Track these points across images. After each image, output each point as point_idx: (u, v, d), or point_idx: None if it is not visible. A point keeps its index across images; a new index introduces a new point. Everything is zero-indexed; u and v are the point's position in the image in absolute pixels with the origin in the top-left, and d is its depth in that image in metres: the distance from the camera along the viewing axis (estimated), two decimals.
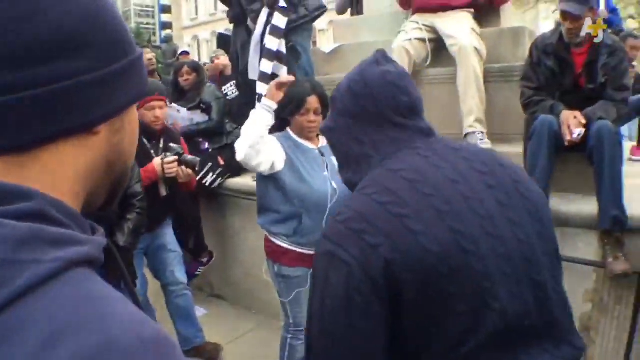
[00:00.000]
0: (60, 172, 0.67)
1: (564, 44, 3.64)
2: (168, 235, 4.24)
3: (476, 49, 4.38)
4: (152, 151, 3.99)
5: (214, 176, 4.98)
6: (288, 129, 3.41)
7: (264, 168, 3.18)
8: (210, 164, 4.99)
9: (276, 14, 4.94)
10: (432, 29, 4.77)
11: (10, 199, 0.59)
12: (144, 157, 3.86)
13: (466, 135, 4.29)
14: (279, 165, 3.23)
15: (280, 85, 3.23)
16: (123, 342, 0.53)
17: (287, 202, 3.29)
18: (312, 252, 3.16)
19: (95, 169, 0.72)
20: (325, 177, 3.28)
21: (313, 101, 3.31)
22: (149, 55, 7.31)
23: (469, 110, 4.32)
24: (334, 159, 3.18)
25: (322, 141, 3.43)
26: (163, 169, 3.80)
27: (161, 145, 4.04)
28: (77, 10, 0.66)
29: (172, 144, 3.93)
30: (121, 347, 0.53)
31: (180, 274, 4.25)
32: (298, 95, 3.33)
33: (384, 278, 1.29)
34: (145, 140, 3.97)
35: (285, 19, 4.95)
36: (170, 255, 4.19)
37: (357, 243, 1.32)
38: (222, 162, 5.02)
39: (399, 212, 1.34)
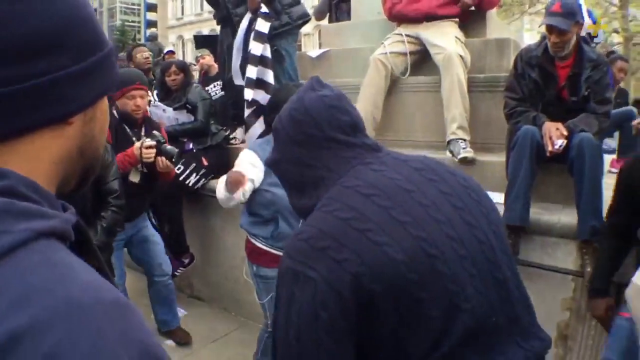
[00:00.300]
0: (37, 158, 0.73)
1: (549, 56, 3.68)
2: (149, 227, 4.37)
3: (461, 56, 4.44)
4: (134, 138, 4.05)
5: (197, 177, 4.98)
6: (271, 135, 3.43)
7: (243, 200, 3.31)
8: (193, 165, 4.99)
9: (259, 20, 4.96)
10: (417, 40, 4.83)
11: None
12: (126, 143, 3.94)
13: (449, 142, 4.34)
14: (257, 182, 3.30)
15: (235, 184, 3.21)
16: (83, 302, 0.59)
17: (265, 207, 3.35)
18: None
19: (68, 155, 0.78)
20: None
21: None
22: (145, 53, 7.24)
23: (452, 117, 4.36)
24: None
25: None
26: (141, 153, 3.85)
27: (142, 133, 4.10)
28: (53, 14, 0.71)
29: (154, 132, 4.00)
30: (81, 306, 0.59)
31: (166, 266, 4.46)
32: (282, 100, 3.35)
33: (351, 292, 1.31)
34: (127, 128, 4.04)
35: (268, 24, 4.97)
36: (156, 247, 4.36)
37: (322, 260, 1.34)
38: (205, 163, 5.02)
39: (362, 227, 1.37)
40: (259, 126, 4.73)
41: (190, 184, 4.97)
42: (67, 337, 0.57)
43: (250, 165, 3.31)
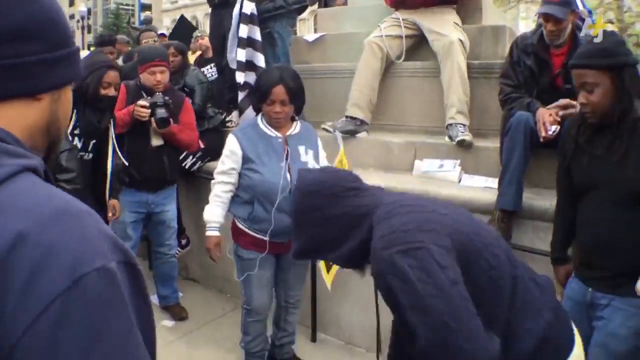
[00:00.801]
0: (12, 122, 0.93)
1: (544, 44, 3.71)
2: (171, 212, 4.66)
3: (461, 41, 4.47)
4: None
5: (194, 159, 5.00)
6: (259, 116, 3.50)
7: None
8: None
9: (244, 1, 4.96)
10: (414, 25, 4.85)
11: None
12: None
13: (448, 126, 4.38)
14: (238, 167, 3.46)
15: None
16: (68, 210, 0.84)
17: (244, 189, 3.48)
18: (264, 239, 3.44)
19: (37, 127, 0.98)
20: (280, 168, 3.39)
21: (279, 92, 3.36)
22: (150, 40, 7.08)
23: (451, 103, 4.41)
24: (300, 148, 3.40)
25: (294, 128, 3.54)
26: (134, 110, 4.14)
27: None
28: (30, 12, 0.94)
29: (157, 93, 4.21)
30: (68, 213, 0.84)
31: (174, 245, 4.86)
32: (264, 85, 3.41)
33: (452, 247, 1.84)
34: (144, 96, 4.32)
35: (252, 4, 4.95)
36: (170, 230, 4.71)
37: (424, 235, 1.82)
38: (202, 146, 5.04)
39: (444, 212, 1.98)
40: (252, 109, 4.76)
41: (187, 167, 5.00)
42: (61, 233, 0.80)
43: (229, 153, 3.48)
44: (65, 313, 0.77)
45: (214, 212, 3.53)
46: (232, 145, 3.47)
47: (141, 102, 4.13)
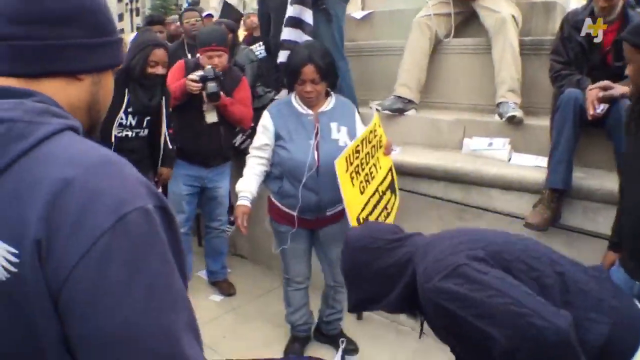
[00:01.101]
0: (55, 93, 1.03)
1: (595, 20, 3.65)
2: (223, 189, 4.73)
3: (514, 17, 4.41)
4: None
5: (243, 137, 5.04)
6: (293, 94, 3.54)
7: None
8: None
9: None
10: (463, 2, 4.79)
11: (25, 94, 0.98)
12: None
13: (498, 104, 4.34)
14: (271, 143, 3.51)
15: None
16: (110, 159, 0.95)
17: (275, 165, 3.54)
18: (293, 214, 3.51)
19: (78, 105, 1.09)
20: (308, 145, 3.40)
21: (309, 71, 3.35)
22: (192, 19, 6.96)
23: (502, 80, 4.36)
24: (332, 125, 3.48)
25: (327, 104, 3.54)
26: (186, 84, 4.17)
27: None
28: (81, 1, 1.05)
29: (208, 67, 4.20)
30: (110, 162, 0.94)
31: (224, 222, 4.94)
32: (294, 65, 3.41)
33: (495, 265, 1.97)
34: None
35: None
36: (221, 206, 4.83)
37: (460, 256, 1.96)
38: (252, 125, 5.07)
39: (474, 236, 2.15)
40: None
41: (236, 144, 5.04)
42: (104, 178, 0.91)
43: (263, 129, 3.54)
44: (111, 247, 0.87)
45: (246, 183, 3.58)
46: (265, 121, 3.53)
47: (192, 75, 4.16)
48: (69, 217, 0.86)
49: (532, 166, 3.88)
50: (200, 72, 4.18)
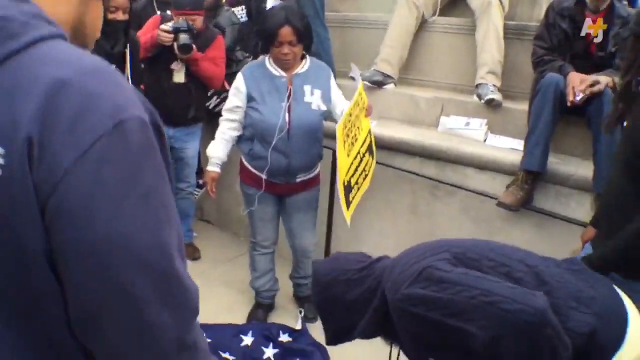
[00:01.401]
0: (44, 6, 0.96)
1: (581, 8, 3.66)
2: (191, 149, 4.64)
3: (500, 1, 4.40)
4: None
5: (218, 100, 4.97)
6: (267, 56, 3.51)
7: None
8: None
9: None
10: None
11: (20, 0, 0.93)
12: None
13: (477, 85, 4.34)
14: (243, 105, 3.51)
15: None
16: (103, 65, 0.92)
17: (246, 126, 3.55)
18: (261, 176, 3.54)
19: (66, 20, 1.03)
20: (280, 107, 3.40)
21: (286, 33, 3.33)
22: None
23: (483, 62, 4.35)
24: (305, 87, 3.45)
25: (302, 67, 3.53)
26: (158, 34, 4.12)
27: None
28: None
29: (181, 19, 4.17)
30: (103, 67, 0.92)
31: (192, 184, 4.85)
32: (270, 27, 3.37)
33: (462, 263, 1.97)
34: None
35: None
36: (188, 168, 4.70)
37: (425, 262, 1.94)
38: (227, 88, 5.01)
39: (437, 242, 2.17)
40: None
41: (211, 107, 4.97)
42: (100, 83, 0.88)
43: (235, 91, 3.53)
44: (108, 150, 0.85)
45: (216, 148, 3.61)
46: (237, 83, 3.52)
47: (164, 26, 4.10)
48: (65, 117, 0.84)
49: (508, 148, 3.89)
50: (173, 23, 4.12)
